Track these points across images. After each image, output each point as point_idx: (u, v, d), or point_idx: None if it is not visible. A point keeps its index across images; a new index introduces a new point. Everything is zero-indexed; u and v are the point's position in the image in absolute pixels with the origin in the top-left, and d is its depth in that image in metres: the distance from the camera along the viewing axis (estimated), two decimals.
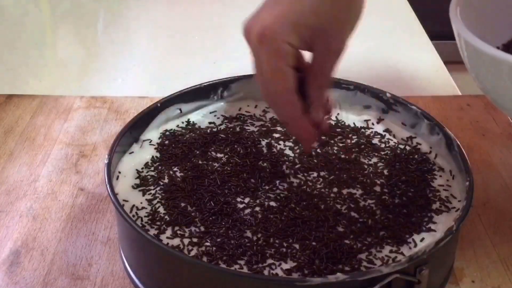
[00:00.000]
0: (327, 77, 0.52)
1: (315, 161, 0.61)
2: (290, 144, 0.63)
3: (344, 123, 0.67)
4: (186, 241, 0.52)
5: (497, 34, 0.44)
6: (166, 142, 0.63)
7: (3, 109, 0.78)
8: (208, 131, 0.65)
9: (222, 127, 0.66)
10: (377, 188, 0.58)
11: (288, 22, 0.48)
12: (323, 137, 0.62)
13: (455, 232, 0.49)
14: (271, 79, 0.51)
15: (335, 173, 0.59)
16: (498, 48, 0.45)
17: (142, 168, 0.60)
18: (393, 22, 1.06)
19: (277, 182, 0.58)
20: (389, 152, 0.63)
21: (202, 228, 0.53)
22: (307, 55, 0.52)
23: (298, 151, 0.62)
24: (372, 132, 0.66)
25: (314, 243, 0.51)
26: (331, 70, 0.51)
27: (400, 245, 0.52)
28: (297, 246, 0.51)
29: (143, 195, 0.57)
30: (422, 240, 0.52)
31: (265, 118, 0.68)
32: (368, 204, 0.56)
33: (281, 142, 0.64)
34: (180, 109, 0.67)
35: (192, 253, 0.50)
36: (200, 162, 0.60)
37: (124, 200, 0.55)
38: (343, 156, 0.62)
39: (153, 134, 0.64)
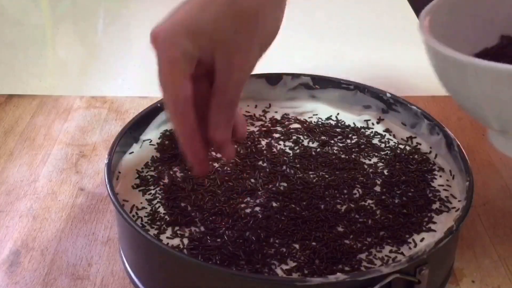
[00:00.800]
0: (227, 95, 0.47)
1: (313, 160, 0.61)
2: (290, 144, 0.63)
3: (344, 123, 0.67)
4: (186, 241, 0.52)
5: (469, 45, 0.44)
6: (166, 142, 0.63)
7: (3, 109, 0.78)
8: None
9: None
10: (377, 188, 0.58)
11: (182, 28, 0.45)
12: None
13: (455, 232, 0.49)
14: (162, 84, 0.46)
15: (335, 173, 0.59)
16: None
17: (142, 168, 0.60)
18: (393, 22, 1.06)
19: (277, 182, 0.58)
20: (389, 152, 0.63)
21: (202, 228, 0.53)
22: None
23: (298, 151, 0.62)
24: (372, 132, 0.66)
25: (314, 243, 0.51)
26: (233, 88, 0.47)
27: (400, 245, 0.52)
28: (297, 246, 0.51)
29: (143, 195, 0.57)
30: (422, 240, 0.52)
31: (265, 118, 0.68)
32: (368, 204, 0.56)
33: (281, 142, 0.64)
34: None
35: (192, 253, 0.50)
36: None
37: (124, 200, 0.55)
38: (343, 156, 0.62)
39: (153, 134, 0.64)
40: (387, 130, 0.66)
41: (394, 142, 0.64)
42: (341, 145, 0.63)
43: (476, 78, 0.37)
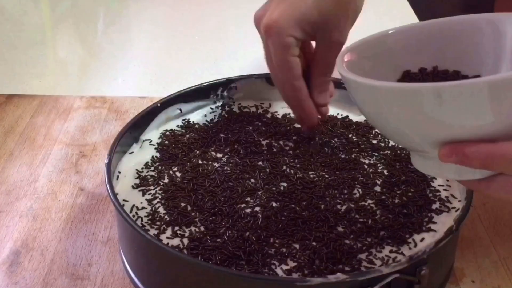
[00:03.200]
0: (328, 65, 0.58)
1: (313, 160, 0.61)
2: (290, 144, 0.63)
3: (345, 123, 0.67)
4: (186, 241, 0.52)
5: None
6: (166, 142, 0.63)
7: (3, 109, 0.78)
8: (208, 131, 0.65)
9: (222, 127, 0.66)
10: (377, 188, 0.58)
11: (292, 18, 0.54)
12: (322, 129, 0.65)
13: (455, 232, 0.49)
14: (279, 67, 0.57)
15: (335, 173, 0.59)
16: None
17: (142, 168, 0.60)
18: (393, 22, 1.06)
19: (277, 182, 0.58)
20: (389, 152, 0.63)
21: (202, 228, 0.53)
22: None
23: (298, 151, 0.62)
24: (372, 132, 0.66)
25: (314, 243, 0.51)
26: (332, 59, 0.57)
27: (400, 245, 0.52)
28: (297, 246, 0.51)
29: (143, 195, 0.57)
30: (422, 240, 0.52)
31: (265, 118, 0.68)
32: (368, 204, 0.56)
33: (281, 142, 0.64)
34: (180, 109, 0.67)
35: (192, 253, 0.50)
36: (200, 162, 0.60)
37: (124, 200, 0.55)
38: (343, 156, 0.62)
39: (153, 134, 0.64)
40: None
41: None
42: (341, 145, 0.63)
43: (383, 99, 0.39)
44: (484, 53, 0.47)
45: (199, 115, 0.68)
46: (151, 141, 0.63)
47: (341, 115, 0.68)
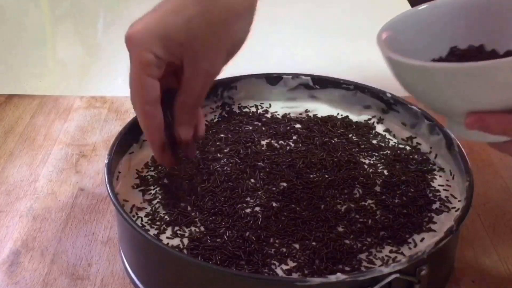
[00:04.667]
0: (192, 96, 0.50)
1: (313, 160, 0.61)
2: (290, 144, 0.63)
3: (344, 123, 0.67)
4: (186, 241, 0.52)
5: (431, 53, 0.50)
6: None
7: (3, 109, 0.78)
8: (208, 131, 0.65)
9: (222, 127, 0.66)
10: (377, 188, 0.58)
11: (155, 32, 0.47)
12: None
13: (455, 232, 0.49)
14: (132, 86, 0.49)
15: (335, 173, 0.59)
16: None
17: (142, 168, 0.60)
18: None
19: (277, 182, 0.58)
20: (389, 152, 0.63)
21: (202, 228, 0.53)
22: None
23: (298, 151, 0.62)
24: (372, 132, 0.66)
25: (314, 243, 0.51)
26: (199, 90, 0.50)
27: (400, 245, 0.52)
28: (297, 246, 0.51)
29: (143, 195, 0.57)
30: (422, 240, 0.52)
31: (265, 118, 0.68)
32: (368, 204, 0.56)
33: (281, 142, 0.64)
34: None
35: (192, 253, 0.50)
36: (200, 162, 0.60)
37: (124, 200, 0.55)
38: (343, 156, 0.62)
39: None
40: (387, 130, 0.66)
41: (394, 142, 0.64)
42: (341, 145, 0.63)
43: (445, 79, 0.42)
44: None
45: None
46: None
47: (341, 115, 0.68)
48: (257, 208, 0.55)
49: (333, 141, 0.64)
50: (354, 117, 0.68)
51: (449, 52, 0.50)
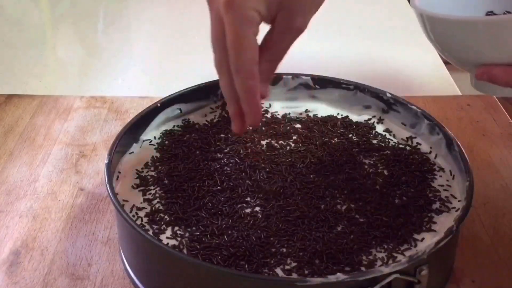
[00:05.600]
0: (281, 52, 0.52)
1: (314, 160, 0.61)
2: (290, 144, 0.63)
3: (344, 123, 0.67)
4: (186, 241, 0.52)
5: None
6: (166, 142, 0.63)
7: (3, 109, 0.78)
8: (208, 131, 0.65)
9: (222, 127, 0.66)
10: (377, 188, 0.58)
11: None
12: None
13: (455, 232, 0.49)
14: (235, 48, 0.49)
15: (335, 173, 0.59)
16: None
17: (142, 168, 0.60)
18: (393, 22, 1.06)
19: (277, 182, 0.58)
20: (389, 152, 0.63)
21: (202, 228, 0.53)
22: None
23: (298, 151, 0.62)
24: (372, 132, 0.66)
25: (314, 243, 0.51)
26: (287, 46, 0.52)
27: (400, 245, 0.52)
28: (297, 246, 0.51)
29: (143, 195, 0.57)
30: (422, 240, 0.52)
31: (265, 118, 0.68)
32: (368, 204, 0.56)
33: (281, 142, 0.64)
34: (180, 109, 0.67)
35: (192, 253, 0.50)
36: (200, 162, 0.60)
37: (124, 200, 0.55)
38: (343, 156, 0.62)
39: (153, 134, 0.64)
40: (387, 130, 0.66)
41: (394, 142, 0.64)
42: (341, 145, 0.63)
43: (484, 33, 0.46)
44: None
45: (199, 115, 0.68)
46: (151, 141, 0.63)
47: (341, 115, 0.68)
48: (257, 208, 0.55)
49: (333, 141, 0.64)
50: (354, 117, 0.68)
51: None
